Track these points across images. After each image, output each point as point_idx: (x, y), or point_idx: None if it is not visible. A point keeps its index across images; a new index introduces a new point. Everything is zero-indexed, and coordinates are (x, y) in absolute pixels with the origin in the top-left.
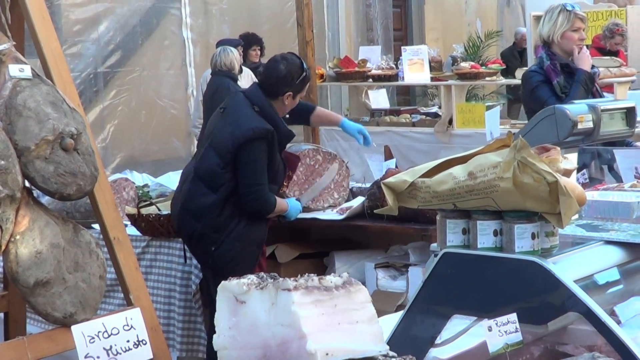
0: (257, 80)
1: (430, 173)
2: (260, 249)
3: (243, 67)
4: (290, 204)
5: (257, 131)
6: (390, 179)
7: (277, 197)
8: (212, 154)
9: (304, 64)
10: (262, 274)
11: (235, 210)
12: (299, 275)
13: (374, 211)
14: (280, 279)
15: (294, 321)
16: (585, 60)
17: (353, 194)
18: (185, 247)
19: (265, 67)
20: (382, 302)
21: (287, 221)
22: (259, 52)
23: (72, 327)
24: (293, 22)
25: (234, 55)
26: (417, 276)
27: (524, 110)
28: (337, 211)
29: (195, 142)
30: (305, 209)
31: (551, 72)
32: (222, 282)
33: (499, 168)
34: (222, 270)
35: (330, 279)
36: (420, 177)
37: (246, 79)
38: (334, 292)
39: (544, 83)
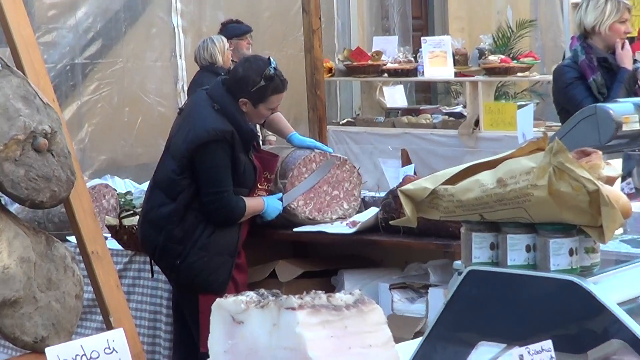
0: None
1: (454, 179)
2: (233, 258)
3: None
4: (267, 203)
5: (212, 133)
6: (408, 186)
7: (248, 198)
8: (169, 160)
9: (271, 72)
10: (262, 290)
11: (197, 217)
12: (305, 293)
13: (389, 223)
14: (283, 296)
15: (299, 344)
16: (627, 57)
17: (365, 205)
18: (152, 261)
19: (234, 65)
20: (399, 328)
21: (265, 222)
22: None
23: (47, 349)
24: (298, 9)
25: (217, 46)
26: (438, 298)
27: (556, 110)
28: (347, 224)
29: None
30: (311, 221)
31: (586, 68)
32: (217, 300)
33: (532, 174)
34: (190, 285)
35: (340, 297)
36: (442, 184)
37: None
38: (345, 311)
39: (578, 80)
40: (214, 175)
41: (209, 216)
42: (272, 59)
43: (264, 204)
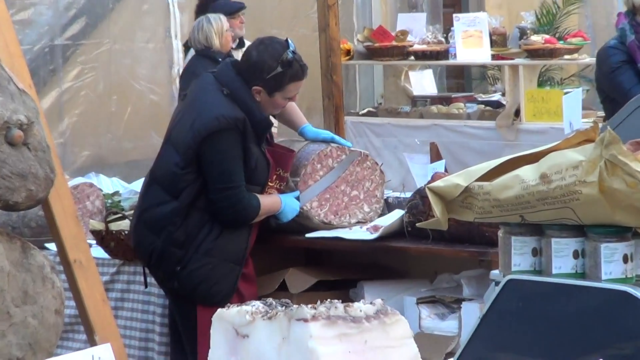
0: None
1: (490, 175)
2: (240, 266)
3: (246, 41)
4: (284, 202)
5: (222, 120)
6: (437, 183)
7: (262, 196)
8: (171, 151)
9: (289, 57)
10: (270, 300)
11: (203, 218)
12: (319, 302)
13: (417, 225)
14: (294, 306)
15: None
16: None
17: (389, 207)
18: (145, 269)
19: (246, 48)
20: (427, 348)
21: (280, 225)
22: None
23: None
24: None
25: (214, 27)
26: (472, 314)
27: (599, 98)
28: (367, 229)
29: None
30: (326, 226)
31: (636, 50)
32: (219, 310)
33: (580, 169)
34: (190, 295)
35: (360, 307)
36: (477, 180)
37: None
38: (365, 323)
39: (626, 64)
40: (224, 169)
41: (217, 216)
42: (290, 41)
43: (281, 202)
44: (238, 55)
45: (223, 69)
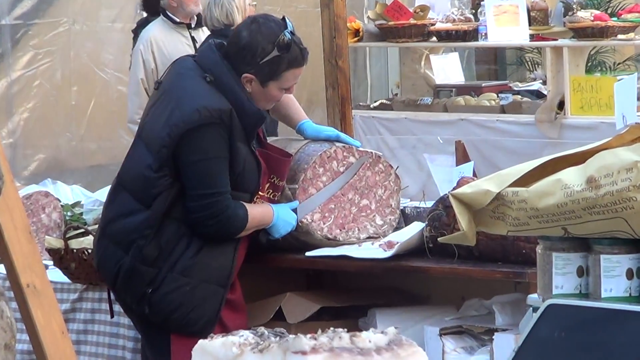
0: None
1: (527, 179)
2: (224, 289)
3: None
4: (277, 213)
5: (204, 113)
6: (463, 189)
7: (251, 205)
8: (142, 151)
9: (287, 38)
10: (261, 329)
11: (179, 230)
12: (319, 331)
13: (439, 240)
14: (290, 336)
15: None
16: None
17: (406, 218)
18: (111, 295)
19: (235, 28)
20: None
21: (272, 241)
22: None
23: None
24: None
25: (235, 1)
26: (506, 347)
27: None
28: (380, 245)
29: None
30: (331, 242)
31: None
32: (200, 342)
33: (635, 171)
34: (164, 322)
35: (369, 337)
36: (510, 185)
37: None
38: (374, 357)
39: None
40: (205, 171)
41: (196, 228)
42: (287, 20)
43: (273, 214)
44: (199, 36)
45: (205, 51)
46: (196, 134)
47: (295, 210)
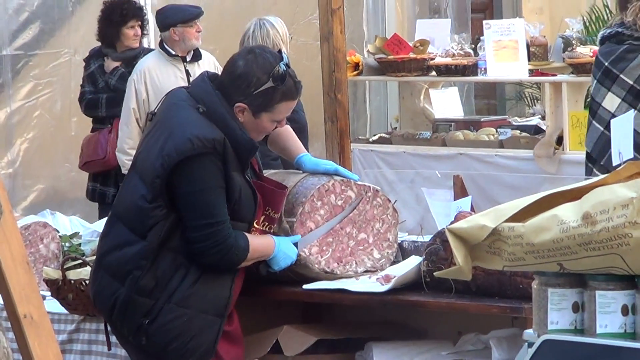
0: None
1: (523, 215)
2: (221, 319)
3: (202, 51)
4: (278, 245)
5: (197, 143)
6: (460, 224)
7: (252, 236)
8: (136, 182)
9: (282, 70)
10: None
11: (175, 260)
12: None
13: (435, 275)
14: None
15: None
16: None
17: (403, 253)
18: (108, 327)
19: (229, 59)
20: None
21: (272, 273)
22: (139, 31)
23: None
24: None
25: (280, 34)
26: None
27: None
28: (377, 279)
29: None
30: (328, 275)
31: None
32: None
33: (631, 208)
34: (161, 353)
35: None
36: (507, 220)
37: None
38: None
39: None
40: (203, 201)
41: (198, 258)
42: (283, 53)
43: (274, 245)
44: (194, 70)
45: (198, 82)
46: (190, 164)
47: (296, 245)
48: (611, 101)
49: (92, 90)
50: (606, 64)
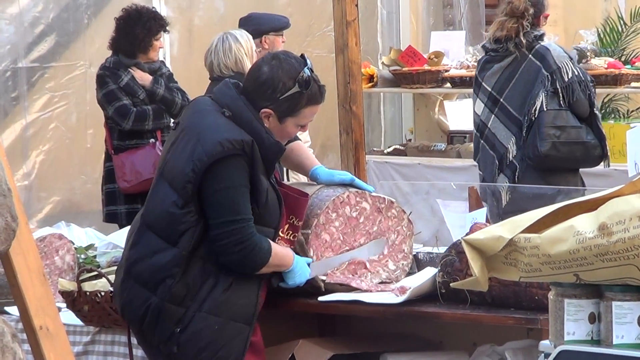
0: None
1: (539, 226)
2: (250, 327)
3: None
4: (297, 260)
5: (227, 145)
6: (476, 235)
7: (274, 244)
8: (165, 189)
9: (306, 75)
10: None
11: (205, 268)
12: None
13: (451, 285)
14: None
15: None
16: None
17: (419, 264)
18: (131, 339)
19: (253, 64)
20: None
21: (282, 287)
22: (162, 44)
23: None
24: None
25: (244, 47)
26: None
27: None
28: (393, 291)
29: None
30: (343, 287)
31: None
32: None
33: None
34: None
35: None
36: (523, 231)
37: None
38: None
39: None
40: (230, 198)
41: (221, 256)
42: (307, 58)
43: (293, 259)
44: None
45: (222, 89)
46: (219, 166)
47: (308, 265)
48: (479, 107)
49: (132, 103)
50: (476, 73)
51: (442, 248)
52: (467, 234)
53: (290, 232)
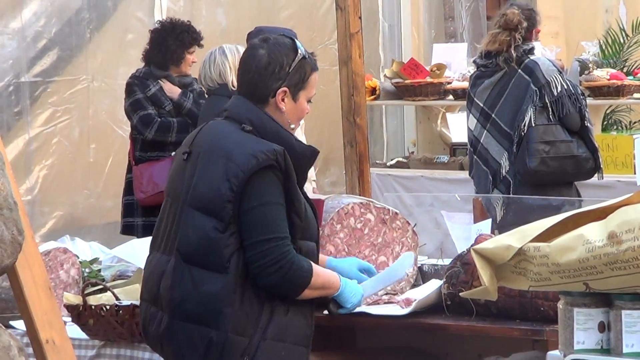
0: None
1: (548, 235)
2: (308, 349)
3: None
4: (344, 282)
5: (261, 156)
6: (486, 244)
7: (316, 265)
8: (199, 218)
9: (299, 44)
10: None
11: (259, 293)
12: None
13: (460, 295)
14: None
15: None
16: None
17: (423, 276)
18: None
19: (241, 61)
20: None
21: (344, 313)
22: (195, 58)
23: None
24: (330, 6)
25: (229, 60)
26: None
27: None
28: (398, 303)
29: None
30: None
31: None
32: None
33: None
34: None
35: None
36: (532, 240)
37: None
38: None
39: None
40: (261, 217)
41: (259, 279)
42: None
43: (339, 280)
44: None
45: (237, 104)
46: (257, 180)
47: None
48: (472, 122)
49: (158, 113)
50: (468, 89)
51: (447, 260)
52: (472, 245)
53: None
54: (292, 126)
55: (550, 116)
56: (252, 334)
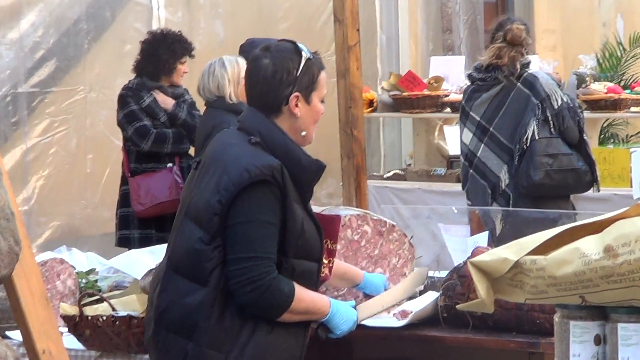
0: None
1: (545, 248)
2: None
3: None
4: (335, 306)
5: (254, 171)
6: (482, 257)
7: (302, 288)
8: (190, 227)
9: (301, 46)
10: None
11: (242, 309)
12: None
13: (457, 308)
14: None
15: None
16: None
17: None
18: None
19: (246, 73)
20: None
21: (333, 338)
22: (187, 68)
23: None
24: (328, 18)
25: (228, 72)
26: None
27: None
28: (394, 314)
29: None
30: None
31: None
32: None
33: None
34: None
35: None
36: (529, 253)
37: None
38: None
39: None
40: (246, 234)
41: (235, 296)
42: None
43: (329, 305)
44: None
45: (248, 115)
46: (247, 195)
47: (354, 308)
48: (467, 136)
49: (153, 125)
50: (463, 102)
51: (444, 272)
52: (469, 258)
53: (328, 258)
54: (304, 134)
55: (552, 129)
56: (229, 350)
